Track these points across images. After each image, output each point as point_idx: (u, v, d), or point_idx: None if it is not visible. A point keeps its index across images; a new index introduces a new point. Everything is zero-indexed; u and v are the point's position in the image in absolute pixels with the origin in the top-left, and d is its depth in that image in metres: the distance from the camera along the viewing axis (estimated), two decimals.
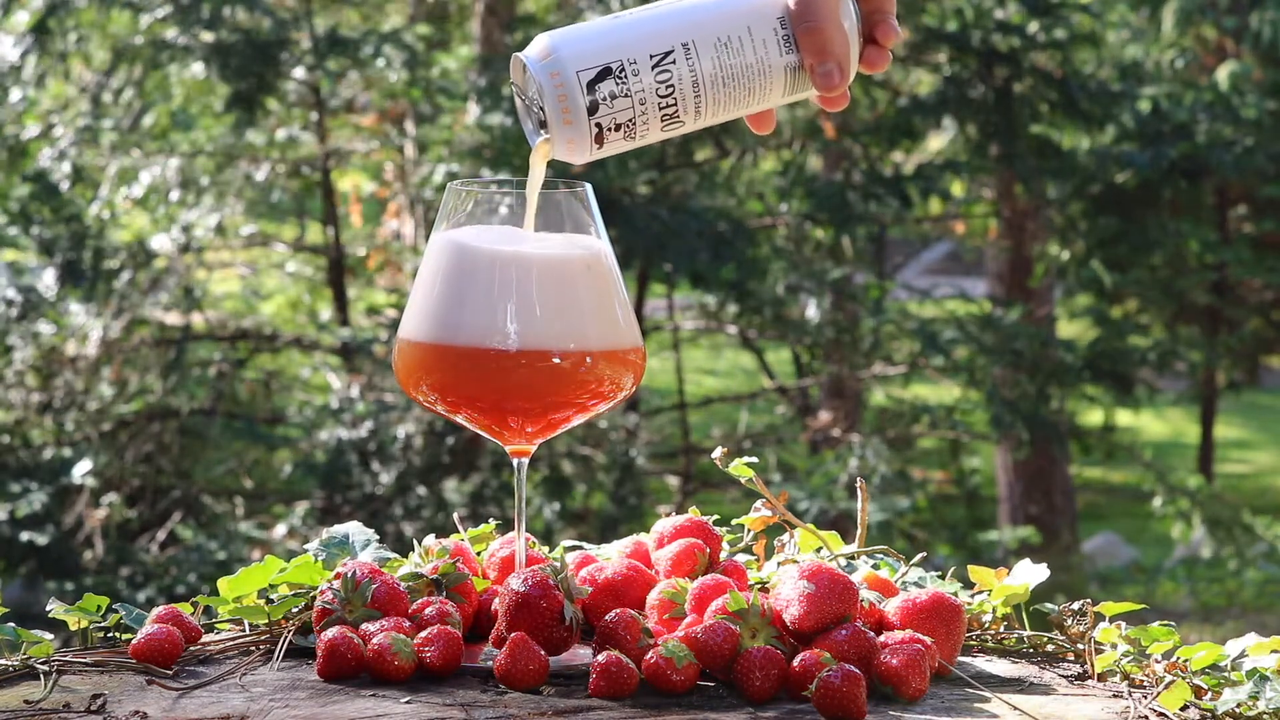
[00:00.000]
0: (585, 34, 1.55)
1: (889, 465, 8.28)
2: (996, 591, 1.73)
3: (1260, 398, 16.99)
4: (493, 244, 1.61)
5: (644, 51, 1.54)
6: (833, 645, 1.53)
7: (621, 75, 1.53)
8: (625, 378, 1.64)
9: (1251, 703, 1.50)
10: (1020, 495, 10.62)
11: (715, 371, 13.92)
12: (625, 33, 1.54)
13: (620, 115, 1.55)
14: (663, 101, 1.55)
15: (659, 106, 1.55)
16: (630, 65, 1.54)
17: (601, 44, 1.54)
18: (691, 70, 1.55)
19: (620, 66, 1.53)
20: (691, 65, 1.55)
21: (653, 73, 1.54)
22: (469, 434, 7.56)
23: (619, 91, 1.54)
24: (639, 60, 1.54)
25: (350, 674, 1.55)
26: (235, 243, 9.57)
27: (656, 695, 1.53)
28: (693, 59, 1.55)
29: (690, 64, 1.55)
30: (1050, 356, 9.00)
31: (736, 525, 1.83)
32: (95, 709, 1.48)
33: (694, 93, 1.55)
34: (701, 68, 1.55)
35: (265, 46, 7.93)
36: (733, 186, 9.37)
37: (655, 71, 1.54)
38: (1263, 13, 11.87)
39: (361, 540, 1.76)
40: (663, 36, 1.55)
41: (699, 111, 1.56)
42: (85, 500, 8.29)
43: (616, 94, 1.54)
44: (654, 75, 1.54)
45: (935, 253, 18.38)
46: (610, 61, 1.53)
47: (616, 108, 1.54)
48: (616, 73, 1.53)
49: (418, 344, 1.63)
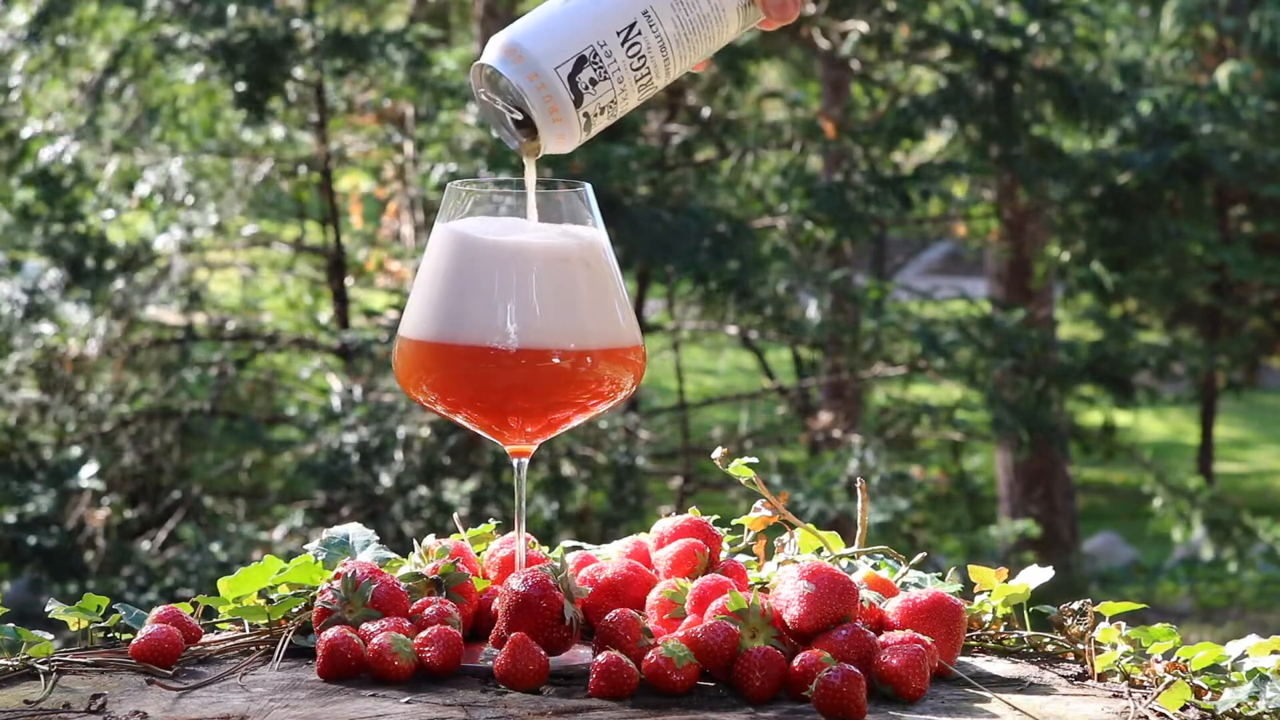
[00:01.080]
0: (545, 27, 1.56)
1: (889, 466, 8.28)
2: (996, 591, 1.73)
3: (1260, 398, 16.99)
4: (493, 235, 1.62)
5: (610, 30, 1.56)
6: (833, 645, 1.53)
7: (596, 60, 1.55)
8: (625, 377, 1.64)
9: (1251, 703, 1.50)
10: (1020, 495, 10.62)
11: (715, 371, 13.92)
12: (585, 16, 1.56)
13: (603, 98, 1.56)
14: (637, 72, 1.57)
15: (634, 78, 1.57)
16: (602, 47, 1.55)
17: (567, 33, 1.55)
18: (657, 35, 1.57)
19: (593, 51, 1.55)
20: (656, 31, 1.57)
21: (623, 49, 1.56)
22: (469, 434, 7.56)
23: (598, 76, 1.55)
24: (608, 40, 1.56)
25: (350, 674, 1.56)
26: (236, 243, 9.56)
27: (656, 695, 1.53)
28: (655, 24, 1.57)
29: (655, 30, 1.57)
30: (1050, 359, 8.99)
31: (736, 525, 1.83)
32: (95, 709, 1.48)
33: (663, 55, 1.58)
34: (665, 31, 1.57)
35: (271, 46, 7.93)
36: (733, 187, 9.37)
37: (626, 47, 1.56)
38: (1263, 13, 11.87)
39: (361, 541, 1.76)
40: (623, 11, 1.56)
41: (668, 70, 1.59)
42: (86, 501, 8.30)
43: (596, 79, 1.55)
44: (625, 51, 1.56)
45: (935, 253, 18.38)
46: (583, 49, 1.55)
47: (599, 92, 1.56)
48: (591, 59, 1.55)
49: (418, 343, 1.63)
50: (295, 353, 9.57)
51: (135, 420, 8.70)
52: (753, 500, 1.82)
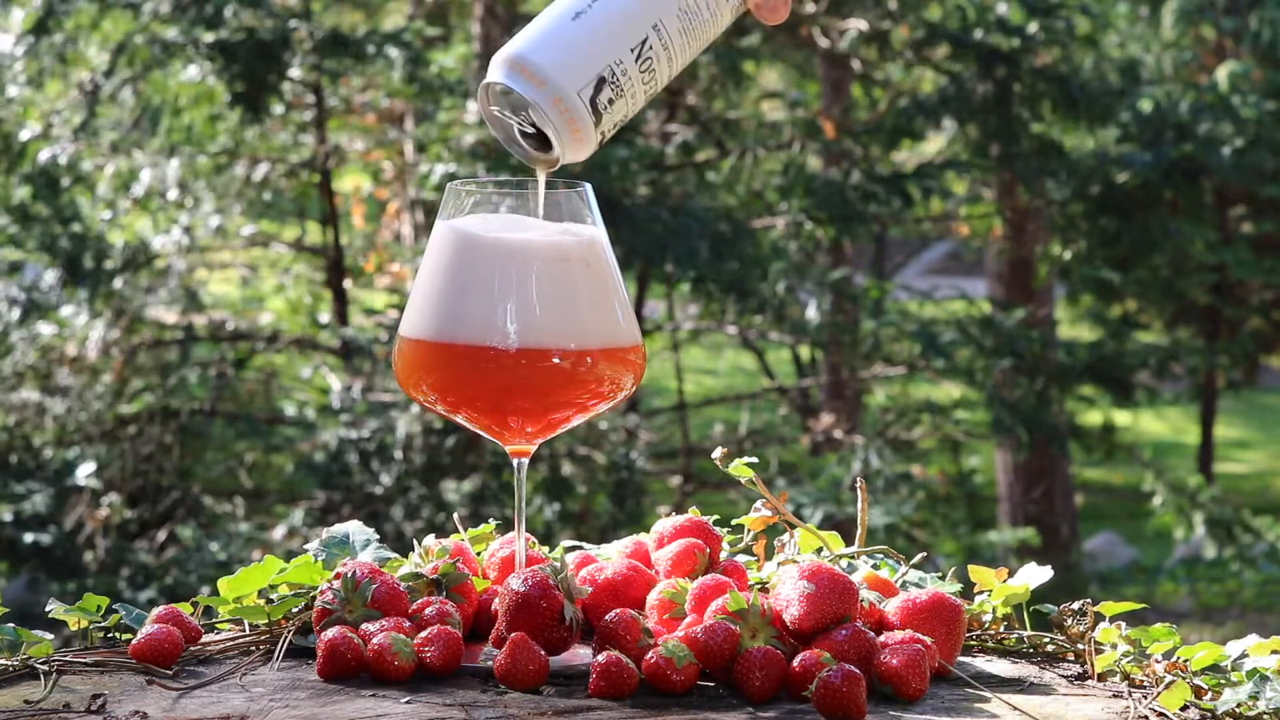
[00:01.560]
0: (563, 48, 1.57)
1: (890, 467, 8.28)
2: (996, 592, 1.73)
3: (1260, 398, 16.99)
4: (494, 232, 1.62)
5: (625, 48, 1.57)
6: (833, 645, 1.53)
7: (614, 80, 1.57)
8: (625, 377, 1.64)
9: (1251, 703, 1.50)
10: (1020, 495, 10.62)
11: (715, 371, 13.93)
12: (602, 35, 1.57)
13: (618, 115, 1.59)
14: (645, 81, 1.59)
15: (644, 89, 1.60)
16: (618, 66, 1.57)
17: (587, 54, 1.57)
18: (665, 46, 1.59)
19: (611, 72, 1.57)
20: (664, 42, 1.59)
21: (636, 65, 1.58)
22: (469, 434, 7.56)
23: (615, 95, 1.58)
24: (624, 59, 1.57)
25: (350, 674, 1.56)
26: (236, 243, 9.56)
27: (656, 695, 1.53)
28: (664, 36, 1.59)
29: (663, 41, 1.59)
30: (1050, 359, 8.99)
31: (736, 525, 1.83)
32: (95, 709, 1.48)
33: (668, 64, 1.60)
34: (671, 40, 1.59)
35: (267, 46, 7.93)
36: (732, 186, 9.37)
37: (639, 63, 1.58)
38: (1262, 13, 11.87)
39: (361, 540, 1.76)
40: (636, 27, 1.58)
41: (670, 73, 1.61)
42: (86, 501, 8.29)
43: (614, 98, 1.58)
44: (637, 66, 1.58)
45: (935, 253, 18.38)
46: (602, 71, 1.57)
47: (615, 110, 1.58)
48: (610, 79, 1.57)
49: (418, 342, 1.63)
50: (295, 353, 9.57)
51: (135, 420, 8.70)
52: (752, 500, 1.82)
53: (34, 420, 8.50)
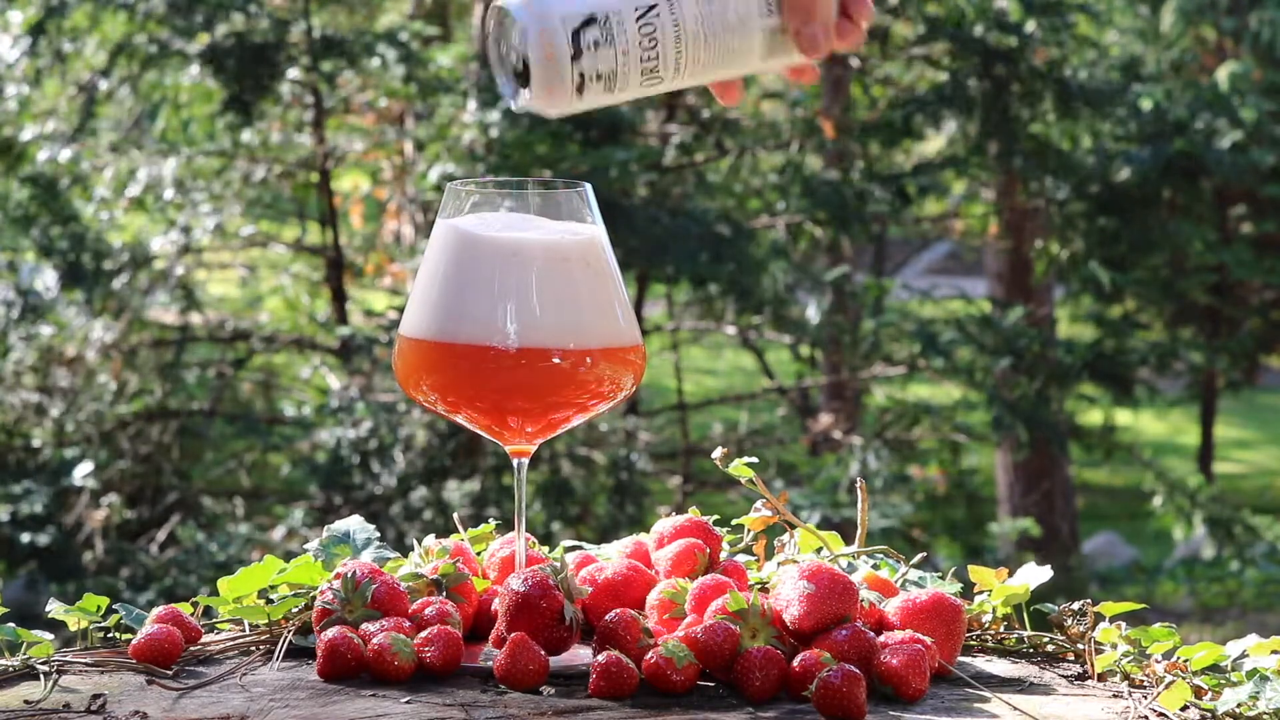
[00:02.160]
0: None
1: (889, 468, 8.27)
2: (996, 592, 1.73)
3: (1260, 398, 16.99)
4: (493, 232, 1.62)
5: (629, 3, 1.55)
6: (833, 645, 1.53)
7: (606, 23, 1.54)
8: (625, 377, 1.64)
9: (1251, 703, 1.50)
10: (1020, 495, 10.61)
11: (715, 372, 13.92)
12: None
13: (603, 65, 1.55)
14: (645, 54, 1.56)
15: (640, 59, 1.56)
16: (615, 14, 1.55)
17: None
18: (675, 23, 1.56)
19: (605, 16, 1.55)
20: (675, 18, 1.56)
21: (636, 24, 1.55)
22: (469, 434, 7.56)
23: (603, 39, 1.54)
24: (623, 10, 1.55)
25: (350, 674, 1.55)
26: (235, 243, 9.56)
27: (656, 695, 1.53)
28: (676, 12, 1.56)
29: (674, 16, 1.56)
30: (1050, 358, 8.99)
31: (736, 525, 1.83)
32: (95, 709, 1.48)
33: (675, 46, 1.56)
34: (685, 21, 1.56)
35: (261, 49, 7.93)
36: (731, 187, 9.36)
37: (639, 23, 1.55)
38: (1262, 13, 11.87)
39: (362, 537, 1.76)
40: None
41: (679, 68, 1.57)
42: (85, 501, 8.29)
43: (600, 42, 1.54)
44: (637, 26, 1.55)
45: (935, 253, 18.37)
46: (595, 9, 1.54)
47: (600, 57, 1.54)
48: (601, 21, 1.54)
49: (418, 342, 1.63)
50: (294, 353, 9.57)
51: (134, 420, 8.70)
52: (752, 500, 1.82)
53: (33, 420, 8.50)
